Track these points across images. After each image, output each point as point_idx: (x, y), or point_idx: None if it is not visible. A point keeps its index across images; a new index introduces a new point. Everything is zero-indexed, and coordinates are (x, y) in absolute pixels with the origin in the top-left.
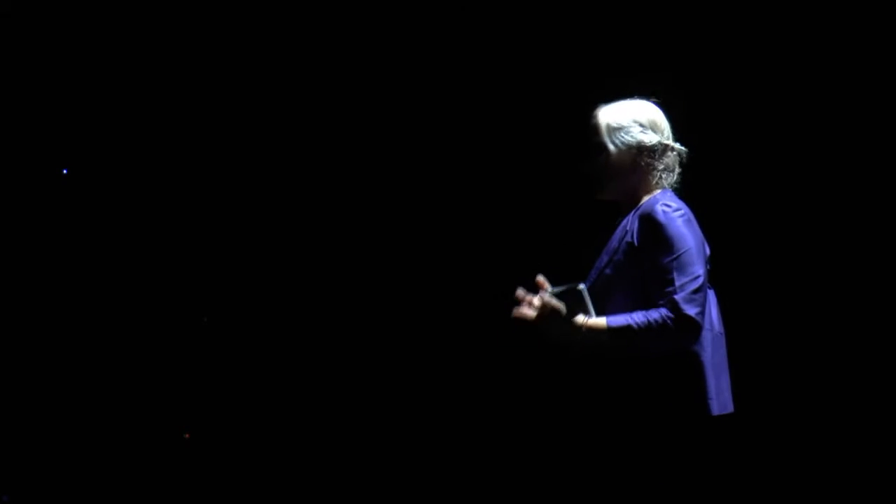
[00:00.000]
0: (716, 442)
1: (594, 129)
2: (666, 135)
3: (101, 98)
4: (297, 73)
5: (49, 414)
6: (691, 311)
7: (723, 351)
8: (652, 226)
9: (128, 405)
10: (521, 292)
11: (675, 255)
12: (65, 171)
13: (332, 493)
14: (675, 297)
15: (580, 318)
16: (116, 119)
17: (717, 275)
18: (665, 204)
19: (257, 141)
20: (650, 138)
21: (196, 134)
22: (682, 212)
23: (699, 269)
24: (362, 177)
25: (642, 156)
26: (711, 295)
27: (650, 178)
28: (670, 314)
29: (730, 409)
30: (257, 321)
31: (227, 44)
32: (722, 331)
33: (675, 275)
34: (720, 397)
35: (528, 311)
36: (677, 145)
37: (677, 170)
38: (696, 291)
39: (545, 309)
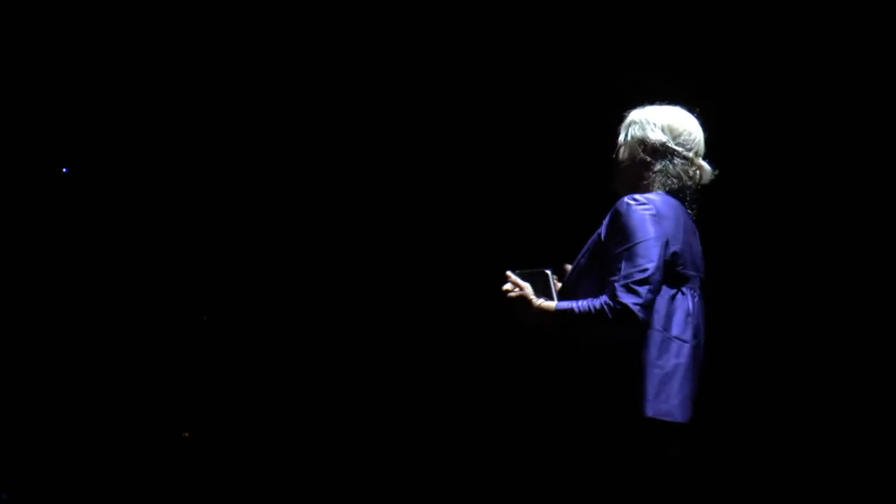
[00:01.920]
0: (646, 445)
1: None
2: (679, 141)
3: (101, 98)
4: (298, 73)
5: (48, 413)
6: (627, 299)
7: (681, 360)
8: (613, 217)
9: (127, 404)
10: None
11: (627, 246)
12: (65, 171)
13: (333, 494)
14: (616, 284)
15: (535, 301)
16: (116, 119)
17: (711, 283)
18: (633, 197)
19: (256, 141)
20: (654, 136)
21: (196, 133)
22: (649, 206)
23: (649, 263)
24: (361, 177)
25: (643, 151)
26: (682, 300)
27: (647, 175)
28: (608, 301)
29: (677, 417)
30: (257, 320)
31: (227, 44)
32: (689, 339)
33: (622, 263)
34: (662, 402)
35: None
36: (700, 161)
37: (686, 181)
38: (639, 282)
39: (511, 287)
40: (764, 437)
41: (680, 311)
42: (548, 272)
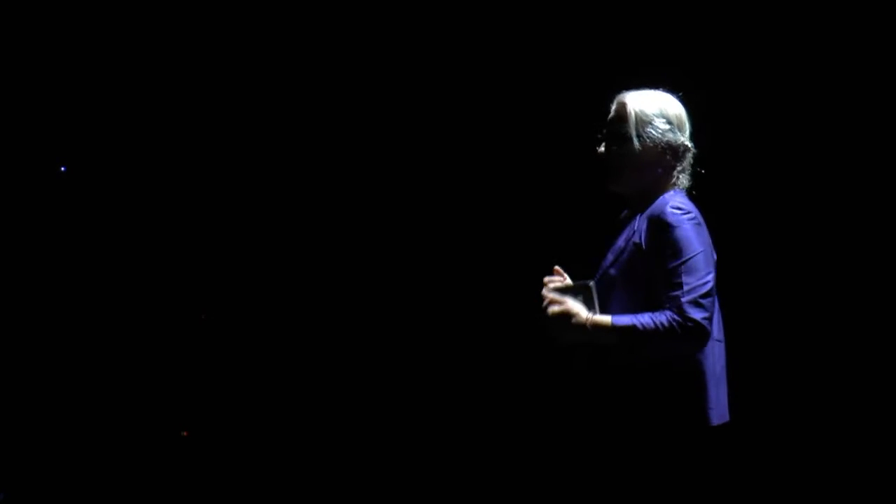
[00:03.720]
0: (713, 452)
1: (621, 116)
2: (688, 134)
3: (100, 95)
4: (298, 73)
5: (46, 411)
6: (698, 315)
7: (722, 360)
8: (661, 228)
9: (125, 402)
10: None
11: (683, 259)
12: (63, 169)
13: (332, 493)
14: (682, 300)
15: (584, 315)
16: (114, 116)
17: (719, 281)
18: (675, 206)
19: (256, 138)
20: (677, 138)
21: (194, 131)
22: (693, 215)
23: (709, 275)
24: (363, 175)
25: (666, 155)
26: (717, 303)
27: (668, 178)
28: (677, 317)
29: (726, 418)
30: (255, 319)
31: (227, 43)
32: (722, 339)
33: (683, 278)
34: (718, 407)
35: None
36: (691, 145)
37: (689, 171)
38: (704, 296)
39: (548, 303)
40: (763, 432)
41: (716, 314)
42: (591, 285)
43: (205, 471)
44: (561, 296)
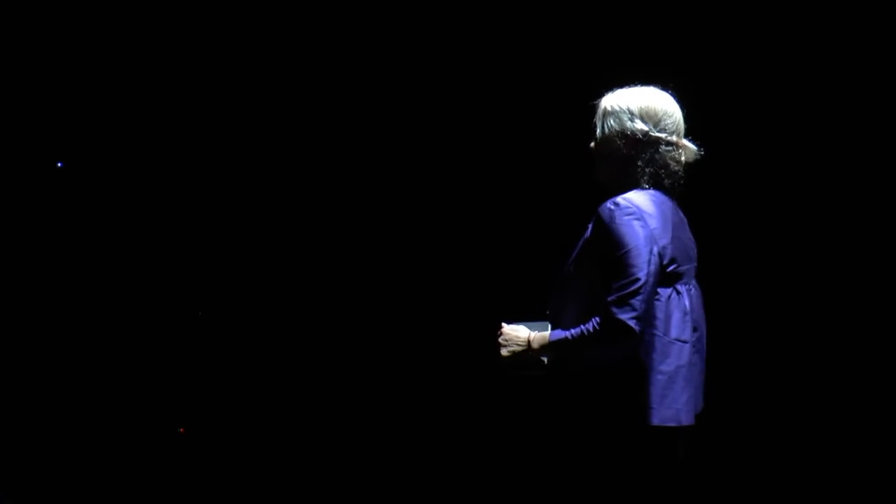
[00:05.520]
0: (655, 453)
1: (595, 110)
2: (661, 126)
3: (97, 92)
4: (297, 72)
5: (42, 409)
6: (623, 315)
7: (683, 360)
8: (598, 223)
9: (123, 400)
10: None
11: (614, 256)
12: (59, 165)
13: (329, 492)
14: (608, 300)
15: (524, 335)
16: (111, 112)
17: (709, 280)
18: (615, 202)
19: (253, 136)
20: (635, 127)
21: (192, 128)
22: (632, 209)
23: (639, 272)
24: (360, 173)
25: (626, 144)
26: (678, 300)
27: (634, 170)
28: (602, 320)
29: (683, 421)
30: (253, 316)
31: (226, 42)
32: (689, 338)
33: (612, 276)
34: (667, 408)
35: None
36: (684, 141)
37: (674, 167)
38: (632, 294)
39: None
40: (764, 431)
41: (677, 312)
42: (548, 325)
43: (202, 468)
44: (510, 329)
